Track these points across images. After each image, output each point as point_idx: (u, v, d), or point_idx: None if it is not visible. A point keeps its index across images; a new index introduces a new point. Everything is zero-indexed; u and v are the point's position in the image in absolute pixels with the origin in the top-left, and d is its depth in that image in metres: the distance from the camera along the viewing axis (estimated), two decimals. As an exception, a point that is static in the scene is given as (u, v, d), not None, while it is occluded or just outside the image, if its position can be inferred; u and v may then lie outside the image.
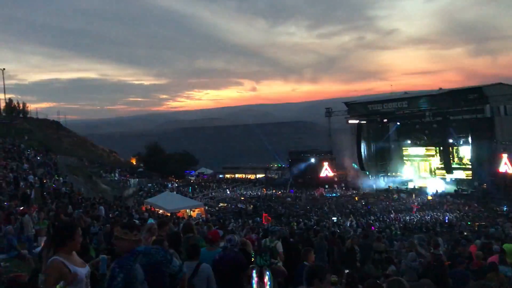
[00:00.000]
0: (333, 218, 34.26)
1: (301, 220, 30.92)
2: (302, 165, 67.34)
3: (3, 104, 77.04)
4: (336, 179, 65.55)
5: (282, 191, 61.01)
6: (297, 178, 66.73)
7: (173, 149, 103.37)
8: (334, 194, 56.57)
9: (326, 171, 65.10)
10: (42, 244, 9.53)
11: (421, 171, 60.15)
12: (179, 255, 5.66)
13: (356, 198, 51.87)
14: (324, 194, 56.46)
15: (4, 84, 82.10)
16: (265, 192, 60.74)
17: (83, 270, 3.91)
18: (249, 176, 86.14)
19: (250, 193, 58.77)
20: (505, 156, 45.67)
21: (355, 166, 63.31)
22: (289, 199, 52.05)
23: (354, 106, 64.48)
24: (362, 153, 62.04)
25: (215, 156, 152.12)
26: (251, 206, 43.23)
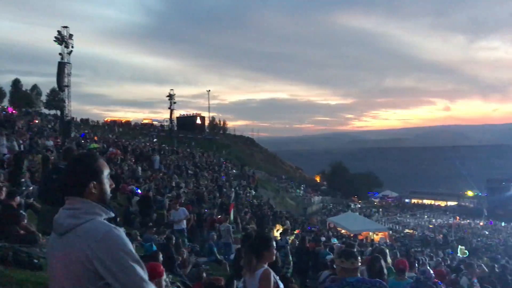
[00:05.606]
0: (542, 259, 29.38)
1: (499, 256, 27.26)
2: (504, 195, 59.94)
3: (207, 121, 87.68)
4: (547, 213, 56.52)
5: (477, 221, 55.01)
6: (496, 209, 59.55)
7: (357, 169, 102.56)
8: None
9: (534, 203, 56.63)
10: (235, 253, 10.34)
11: None
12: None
13: None
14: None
15: (209, 104, 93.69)
16: (457, 221, 55.54)
17: (281, 285, 4.06)
18: (438, 203, 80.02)
19: (440, 221, 54.44)
20: None
21: None
22: (486, 231, 46.57)
23: None
24: None
25: (401, 179, 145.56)
26: (441, 235, 39.91)
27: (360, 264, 3.89)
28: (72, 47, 32.77)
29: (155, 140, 52.98)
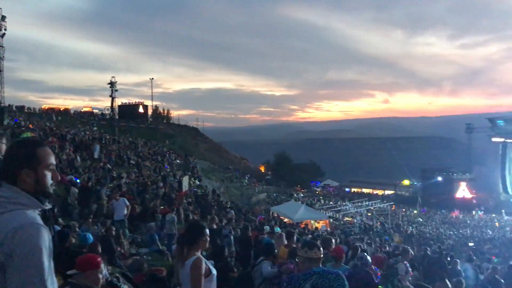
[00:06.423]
0: (470, 244, 31.46)
1: (432, 242, 28.86)
2: (436, 184, 63.21)
3: (150, 110, 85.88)
4: (474, 201, 60.23)
5: (412, 209, 57.81)
6: (429, 197, 62.75)
7: (300, 159, 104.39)
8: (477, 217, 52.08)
9: (464, 192, 60.24)
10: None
11: None
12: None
13: (497, 223, 47.02)
14: (460, 216, 52.29)
15: (152, 92, 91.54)
16: (394, 209, 58.05)
17: (214, 271, 4.08)
18: (377, 192, 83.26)
19: (378, 209, 56.58)
20: None
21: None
22: (420, 219, 49.08)
23: (500, 123, 58.78)
24: (507, 175, 56.25)
25: (342, 169, 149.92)
26: (379, 223, 41.63)
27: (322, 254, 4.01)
28: (5, 29, 31.18)
29: (95, 128, 51.27)
